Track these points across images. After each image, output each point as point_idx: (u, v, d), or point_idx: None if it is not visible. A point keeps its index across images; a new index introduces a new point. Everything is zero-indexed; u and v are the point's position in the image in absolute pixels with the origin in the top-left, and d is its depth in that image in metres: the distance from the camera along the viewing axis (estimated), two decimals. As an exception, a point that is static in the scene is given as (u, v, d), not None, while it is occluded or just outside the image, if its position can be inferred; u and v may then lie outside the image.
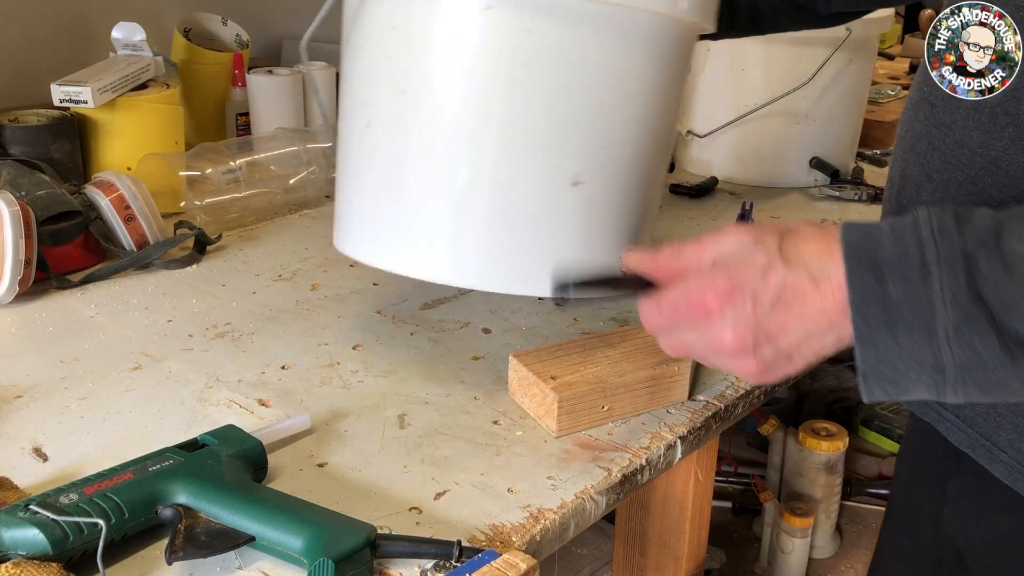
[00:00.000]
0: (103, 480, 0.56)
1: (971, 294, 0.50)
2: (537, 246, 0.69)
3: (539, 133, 0.67)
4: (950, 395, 0.52)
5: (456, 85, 0.67)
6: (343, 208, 0.76)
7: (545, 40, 0.65)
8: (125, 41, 1.23)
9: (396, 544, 0.55)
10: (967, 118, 0.61)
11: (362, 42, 0.70)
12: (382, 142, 0.70)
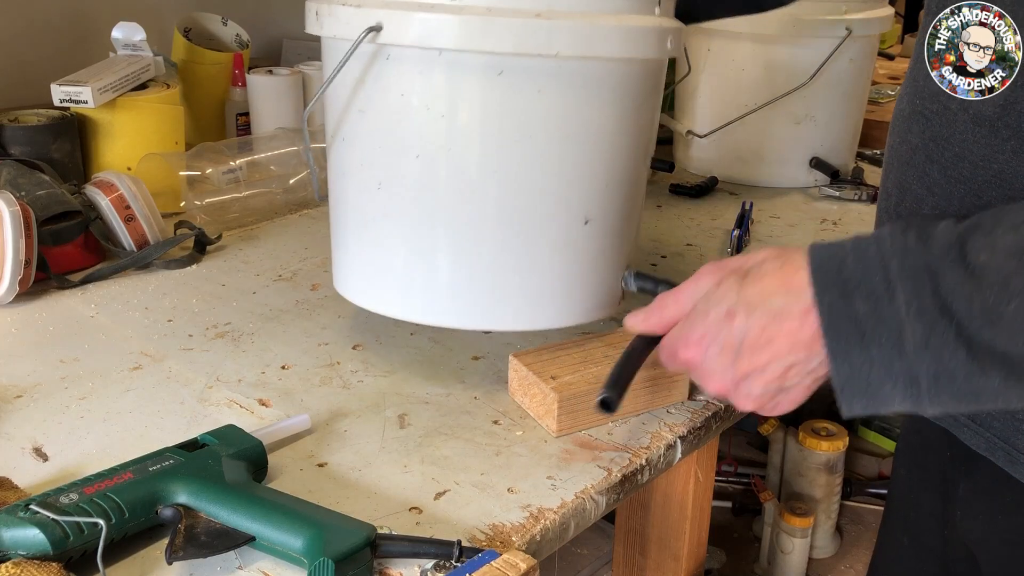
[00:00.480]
0: (103, 480, 0.56)
1: (937, 307, 0.51)
2: (549, 282, 0.74)
3: (554, 182, 0.71)
4: (927, 407, 0.52)
5: (473, 148, 0.69)
6: (350, 260, 0.78)
7: (554, 99, 0.68)
8: (125, 41, 1.23)
9: (396, 544, 0.55)
10: (966, 131, 0.61)
11: (366, 107, 0.71)
12: (398, 203, 0.71)
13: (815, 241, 0.56)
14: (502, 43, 0.65)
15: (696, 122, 1.39)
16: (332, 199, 0.79)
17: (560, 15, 0.65)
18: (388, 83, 0.69)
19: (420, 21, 0.65)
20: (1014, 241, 0.50)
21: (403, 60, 0.68)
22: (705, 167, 1.40)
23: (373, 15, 0.66)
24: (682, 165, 1.43)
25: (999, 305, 0.49)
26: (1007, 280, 0.49)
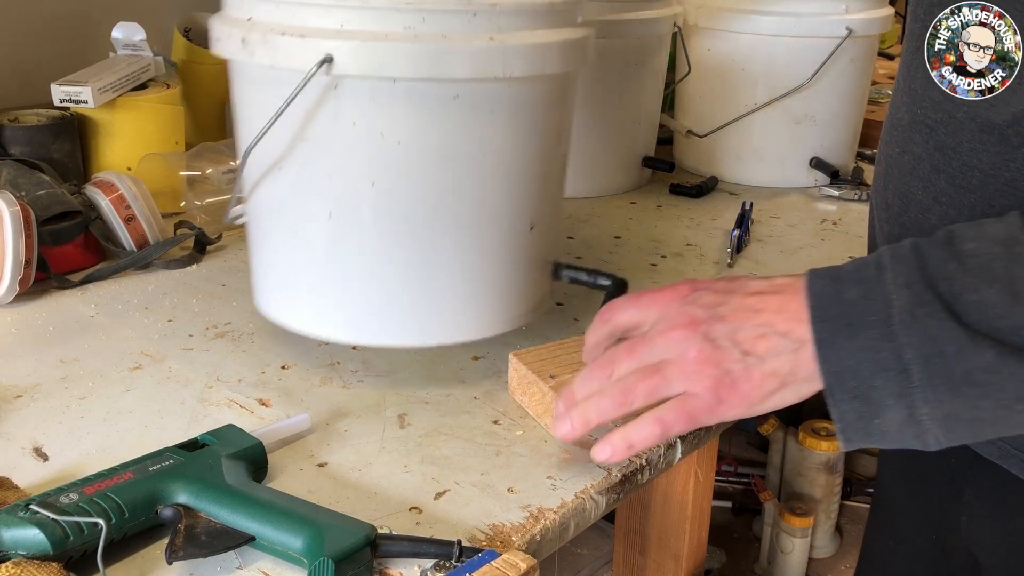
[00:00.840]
0: (103, 480, 0.56)
1: (924, 281, 0.51)
2: (505, 290, 0.76)
3: (507, 196, 0.72)
4: (920, 407, 0.51)
5: (431, 172, 0.68)
6: (287, 284, 0.75)
7: (506, 118, 0.69)
8: (125, 41, 1.23)
9: (396, 544, 0.55)
10: (974, 140, 0.61)
11: (312, 136, 0.68)
12: (352, 231, 0.70)
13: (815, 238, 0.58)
14: (459, 69, 0.64)
15: (696, 122, 1.39)
16: (260, 226, 0.75)
17: (511, 36, 0.66)
18: (338, 113, 0.66)
19: (373, 51, 0.63)
20: (999, 230, 0.51)
21: (355, 90, 0.65)
22: (705, 167, 1.40)
23: (322, 47, 0.63)
24: (682, 165, 1.43)
25: (981, 287, 0.49)
26: (988, 264, 0.50)
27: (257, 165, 0.71)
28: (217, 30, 0.70)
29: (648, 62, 1.26)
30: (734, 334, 0.56)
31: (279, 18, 0.65)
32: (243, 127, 0.74)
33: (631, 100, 1.27)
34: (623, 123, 1.28)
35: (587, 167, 1.28)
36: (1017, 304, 0.49)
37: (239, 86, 0.73)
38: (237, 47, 0.67)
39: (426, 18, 0.63)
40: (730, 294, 0.57)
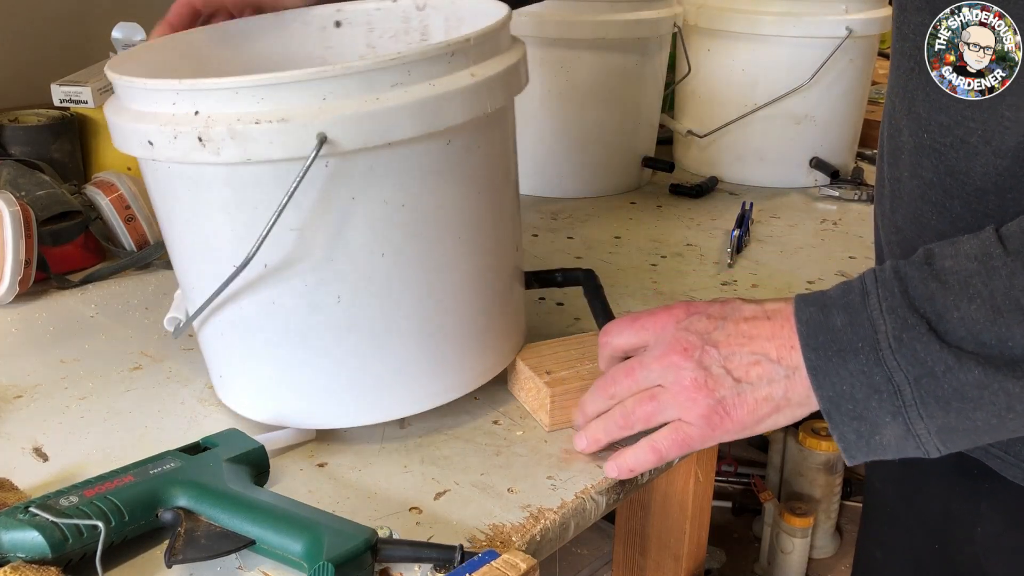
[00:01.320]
0: (104, 483, 0.56)
1: (907, 305, 0.52)
2: (509, 319, 0.74)
3: (502, 231, 0.71)
4: (916, 423, 0.52)
5: (435, 228, 0.64)
6: (288, 380, 0.67)
7: (487, 156, 0.66)
8: (125, 41, 1.22)
9: (397, 548, 0.55)
10: (987, 165, 0.60)
11: (303, 224, 0.60)
12: (364, 310, 0.63)
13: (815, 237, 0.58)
14: (454, 116, 0.60)
15: (696, 122, 1.39)
16: (239, 327, 0.65)
17: (485, 68, 0.63)
18: (332, 193, 0.59)
19: (371, 119, 0.57)
20: (976, 246, 0.52)
21: (350, 163, 0.58)
22: (705, 167, 1.40)
23: (311, 127, 0.55)
24: (682, 165, 1.43)
25: (961, 304, 0.51)
26: (967, 280, 0.51)
27: (223, 269, 0.61)
28: (140, 130, 0.58)
29: (648, 62, 1.26)
30: (727, 361, 0.57)
31: (242, 106, 0.56)
32: (187, 235, 0.64)
33: (631, 100, 1.27)
34: (623, 123, 1.28)
35: (587, 167, 1.28)
36: (999, 318, 0.50)
37: (177, 190, 0.62)
38: (190, 147, 0.56)
39: (411, 70, 0.58)
40: (723, 320, 0.59)
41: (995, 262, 0.51)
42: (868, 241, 1.14)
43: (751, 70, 1.31)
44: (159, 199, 0.65)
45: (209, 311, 0.65)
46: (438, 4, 0.79)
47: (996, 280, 0.50)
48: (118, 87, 0.63)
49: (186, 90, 0.57)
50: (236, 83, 0.55)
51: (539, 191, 1.29)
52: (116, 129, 0.61)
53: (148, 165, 0.63)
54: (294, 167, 0.56)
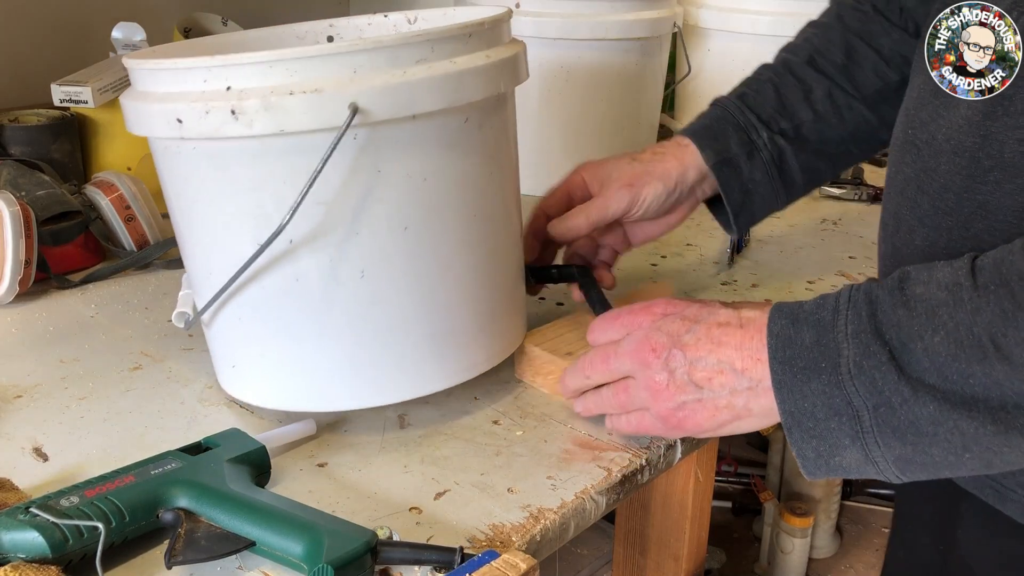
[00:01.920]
0: (104, 483, 0.56)
1: (872, 331, 0.52)
2: (518, 303, 0.76)
3: (513, 209, 0.73)
4: (874, 450, 0.53)
5: (455, 204, 0.66)
6: (305, 362, 0.67)
7: (499, 135, 0.69)
8: (125, 41, 1.23)
9: (397, 551, 0.55)
10: (949, 162, 0.62)
11: (330, 197, 0.61)
12: (388, 285, 0.64)
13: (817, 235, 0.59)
14: (472, 92, 0.63)
15: (696, 122, 1.39)
16: (260, 309, 0.65)
17: (499, 52, 0.66)
18: (359, 164, 0.61)
19: (398, 91, 0.59)
20: (948, 275, 0.52)
21: (377, 135, 0.60)
22: (705, 167, 1.39)
23: (343, 97, 0.57)
24: (682, 165, 1.43)
25: (925, 334, 0.51)
26: (935, 311, 0.51)
27: (244, 249, 0.62)
28: (167, 110, 0.60)
29: (648, 62, 1.26)
30: (692, 366, 0.59)
31: (275, 79, 0.58)
32: (209, 217, 0.64)
33: (631, 100, 1.27)
34: (623, 123, 1.28)
35: (587, 167, 1.28)
36: (960, 352, 0.50)
37: (200, 170, 0.63)
38: (222, 121, 0.58)
39: (435, 47, 0.61)
40: (696, 323, 0.60)
41: (963, 294, 0.50)
42: (868, 241, 1.14)
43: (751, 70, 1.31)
44: (178, 183, 0.66)
45: (226, 296, 0.66)
46: (429, 16, 0.81)
47: (961, 313, 0.50)
48: (141, 74, 0.64)
49: (218, 66, 0.58)
50: (270, 57, 0.58)
51: (539, 191, 1.29)
52: (138, 112, 0.63)
53: (167, 148, 0.64)
54: (324, 139, 0.58)
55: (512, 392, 0.76)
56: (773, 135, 0.82)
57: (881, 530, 1.55)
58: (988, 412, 0.50)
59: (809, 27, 0.89)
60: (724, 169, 0.82)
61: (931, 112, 0.64)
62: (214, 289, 0.65)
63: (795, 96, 0.83)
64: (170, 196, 0.68)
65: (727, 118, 0.83)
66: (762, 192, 0.84)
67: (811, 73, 0.83)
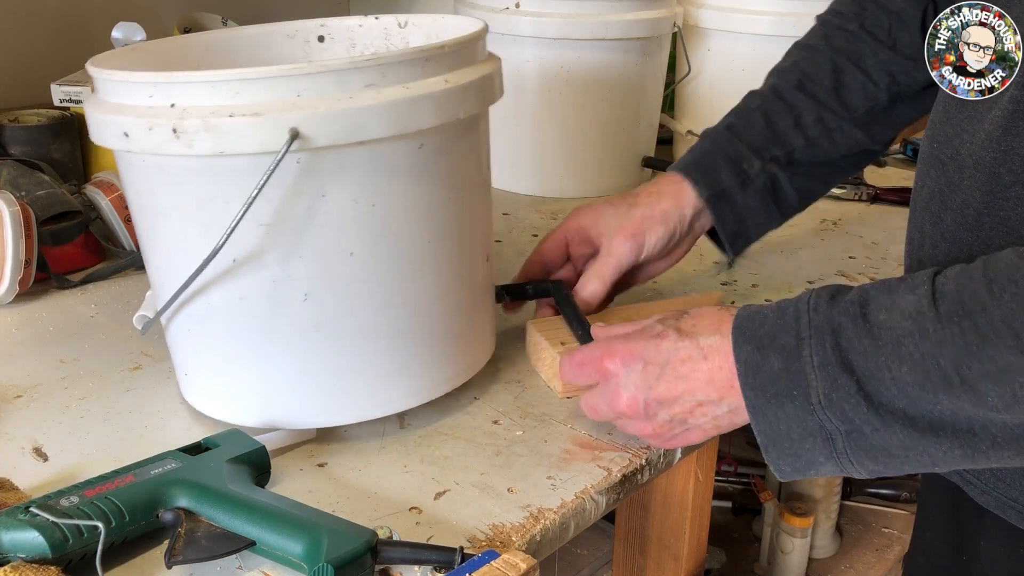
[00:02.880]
0: (104, 483, 0.56)
1: (839, 362, 0.53)
2: (478, 327, 0.75)
3: (478, 231, 0.72)
4: (848, 467, 0.54)
5: (404, 230, 0.65)
6: (252, 380, 0.66)
7: (457, 161, 0.67)
8: (125, 41, 1.22)
9: (397, 550, 0.55)
10: (971, 177, 0.61)
11: (273, 219, 0.60)
12: (331, 309, 0.63)
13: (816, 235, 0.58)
14: (426, 119, 0.61)
15: (696, 122, 1.39)
16: (207, 322, 0.65)
17: (459, 76, 0.64)
18: (302, 188, 0.59)
19: (342, 117, 0.57)
20: (911, 302, 0.51)
21: (322, 160, 0.59)
22: (705, 167, 1.39)
23: (283, 121, 0.56)
24: (682, 165, 1.43)
25: (892, 365, 0.51)
26: (900, 341, 0.51)
27: (193, 263, 0.61)
28: (116, 122, 0.59)
29: (648, 62, 1.26)
30: (671, 408, 0.61)
31: (217, 99, 0.56)
32: (159, 227, 0.64)
33: (631, 100, 1.27)
34: (623, 123, 1.28)
35: (587, 167, 1.28)
36: (927, 382, 0.51)
37: (151, 182, 0.62)
38: (164, 139, 0.57)
39: (385, 72, 0.59)
40: (662, 367, 0.60)
41: (927, 324, 0.51)
42: (868, 241, 1.14)
43: (751, 70, 1.30)
44: (133, 192, 0.66)
45: (177, 306, 0.65)
46: (420, 22, 0.81)
47: (926, 344, 0.50)
48: (98, 81, 0.63)
49: (163, 83, 0.57)
50: (212, 76, 0.56)
51: (539, 191, 1.29)
52: (94, 121, 0.62)
53: (124, 158, 0.64)
54: (266, 161, 0.57)
55: (512, 392, 0.76)
56: (765, 163, 0.83)
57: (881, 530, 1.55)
58: (955, 436, 0.52)
59: (796, 49, 0.90)
60: (718, 202, 0.82)
61: (955, 127, 0.64)
62: (167, 295, 0.65)
63: (785, 122, 0.83)
64: (129, 200, 0.68)
65: (717, 150, 0.84)
66: (757, 218, 0.85)
67: (800, 98, 0.84)
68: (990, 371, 0.49)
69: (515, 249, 1.09)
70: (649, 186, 0.84)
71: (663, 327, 0.62)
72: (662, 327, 0.62)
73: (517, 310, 0.86)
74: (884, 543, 1.45)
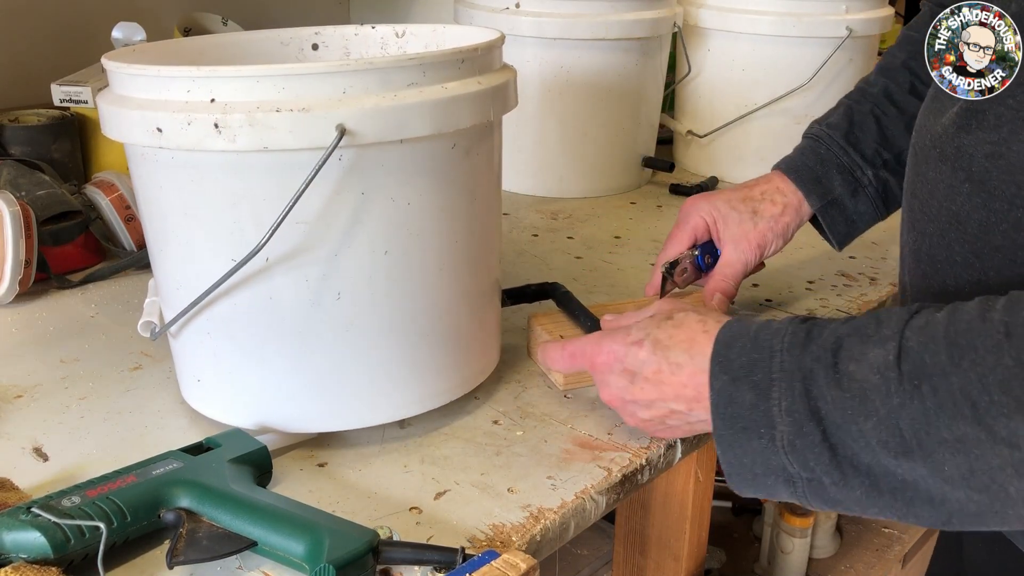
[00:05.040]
0: (106, 483, 0.56)
1: (807, 409, 0.52)
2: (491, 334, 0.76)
3: (491, 234, 0.73)
4: (808, 504, 0.55)
5: (436, 229, 0.65)
6: (278, 382, 0.66)
7: (483, 162, 0.69)
8: (125, 41, 1.22)
9: (399, 551, 0.55)
10: (936, 169, 0.63)
11: (310, 217, 0.60)
12: (366, 307, 0.63)
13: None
14: (462, 119, 0.62)
15: (696, 122, 1.39)
16: (230, 325, 0.64)
17: (491, 79, 0.65)
18: (343, 186, 0.60)
19: (388, 114, 0.58)
20: (879, 356, 0.50)
21: (362, 158, 0.59)
22: (705, 167, 1.40)
23: (331, 118, 0.56)
24: (682, 165, 1.43)
25: (858, 419, 0.50)
26: (866, 395, 0.50)
27: (218, 264, 0.61)
28: (147, 117, 0.58)
29: (648, 62, 1.26)
30: (648, 410, 0.64)
31: (261, 94, 0.56)
32: (181, 228, 0.63)
33: (631, 100, 1.27)
34: (623, 123, 1.28)
35: (587, 167, 1.28)
36: (891, 441, 0.49)
37: (178, 180, 0.61)
38: (204, 134, 0.56)
39: (427, 71, 0.60)
40: (635, 374, 0.63)
41: (891, 384, 0.50)
42: (868, 241, 1.14)
43: (751, 70, 1.31)
44: (151, 191, 0.64)
45: (196, 310, 0.64)
46: (418, 32, 0.81)
47: (889, 404, 0.49)
48: (120, 76, 0.62)
49: (203, 77, 0.57)
50: (257, 72, 0.57)
51: (539, 191, 1.29)
52: (116, 117, 0.61)
53: (146, 155, 0.62)
54: (307, 157, 0.57)
55: (512, 392, 0.76)
56: (877, 170, 0.86)
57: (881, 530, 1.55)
58: (913, 504, 0.51)
59: (904, 45, 0.90)
60: (830, 211, 0.86)
61: (925, 117, 0.67)
62: (183, 302, 0.64)
63: (896, 126, 0.86)
64: (142, 203, 0.66)
65: (831, 159, 0.86)
66: (867, 220, 0.88)
67: (913, 102, 0.86)
68: (946, 440, 0.48)
69: (515, 249, 1.09)
70: (770, 191, 0.87)
71: (643, 334, 0.63)
72: (642, 334, 0.63)
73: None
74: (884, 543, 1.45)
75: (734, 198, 0.86)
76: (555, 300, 0.85)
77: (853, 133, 0.86)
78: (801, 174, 0.86)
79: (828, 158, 0.86)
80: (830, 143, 0.87)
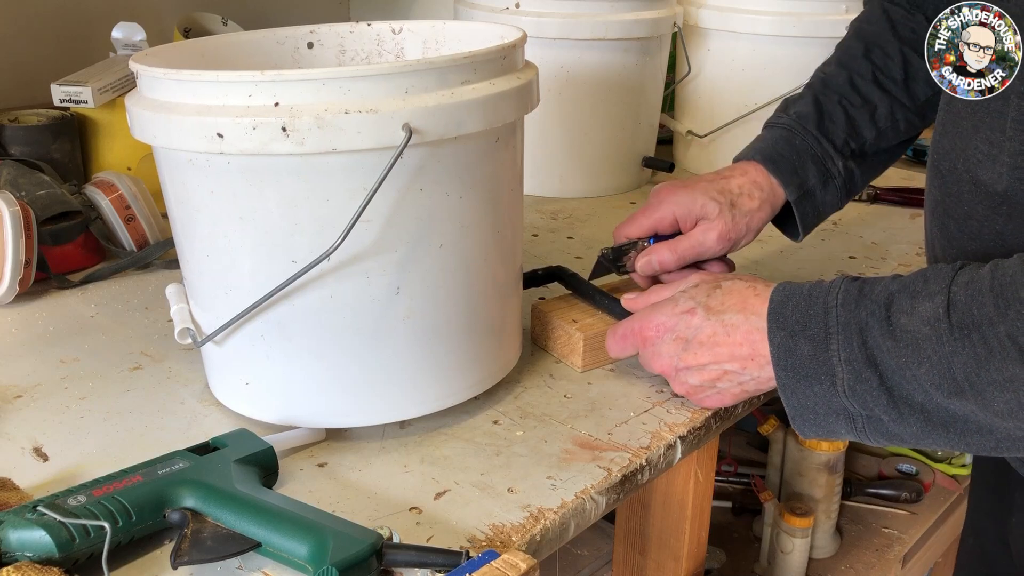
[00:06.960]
0: (112, 482, 0.56)
1: (864, 358, 0.58)
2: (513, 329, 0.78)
3: (517, 229, 0.75)
4: (866, 440, 0.61)
5: (483, 220, 0.67)
6: (332, 378, 0.66)
7: (516, 154, 0.71)
8: (125, 41, 1.23)
9: (402, 553, 0.55)
10: (972, 191, 0.65)
11: (375, 216, 0.61)
12: (420, 302, 0.65)
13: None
14: (508, 114, 0.64)
15: (696, 122, 1.39)
16: (287, 327, 0.64)
17: (527, 73, 0.68)
18: (405, 183, 0.61)
19: (449, 112, 0.60)
20: (929, 309, 0.56)
21: (421, 156, 0.61)
22: (705, 167, 1.40)
23: (398, 118, 0.58)
24: (682, 165, 1.43)
25: (912, 365, 0.56)
26: (919, 344, 0.56)
27: (276, 267, 0.62)
28: (206, 123, 0.57)
29: (648, 62, 1.26)
30: (700, 374, 0.68)
31: (327, 96, 0.57)
32: (234, 233, 0.62)
33: (631, 100, 1.27)
34: (623, 123, 1.28)
35: (587, 167, 1.28)
36: (943, 383, 0.55)
37: (235, 186, 0.60)
38: (270, 138, 0.56)
39: (478, 68, 0.62)
40: (688, 341, 0.68)
41: (942, 333, 0.55)
42: (868, 241, 1.14)
43: (751, 70, 1.31)
44: (200, 197, 0.62)
45: (250, 313, 0.64)
46: (416, 28, 0.81)
47: (942, 350, 0.55)
48: (166, 82, 0.60)
49: (266, 81, 0.57)
50: (323, 74, 0.58)
51: (539, 191, 1.29)
52: (165, 123, 0.59)
53: (193, 162, 0.61)
54: (374, 158, 0.59)
55: (512, 392, 0.76)
56: (846, 160, 0.86)
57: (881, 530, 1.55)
58: (965, 434, 0.57)
59: (860, 37, 0.89)
60: (803, 202, 0.86)
61: (951, 140, 0.67)
62: (233, 307, 0.64)
63: (863, 117, 0.86)
64: (182, 210, 0.65)
65: (806, 150, 0.86)
66: (830, 209, 0.89)
67: (876, 92, 0.87)
68: (996, 380, 0.53)
69: (515, 249, 1.09)
70: (747, 185, 0.85)
71: (694, 303, 0.68)
72: (692, 303, 0.68)
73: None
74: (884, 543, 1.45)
75: (712, 189, 0.84)
76: (563, 283, 0.87)
77: (824, 123, 0.85)
78: (779, 165, 0.84)
79: (803, 148, 0.85)
80: (804, 134, 0.85)
